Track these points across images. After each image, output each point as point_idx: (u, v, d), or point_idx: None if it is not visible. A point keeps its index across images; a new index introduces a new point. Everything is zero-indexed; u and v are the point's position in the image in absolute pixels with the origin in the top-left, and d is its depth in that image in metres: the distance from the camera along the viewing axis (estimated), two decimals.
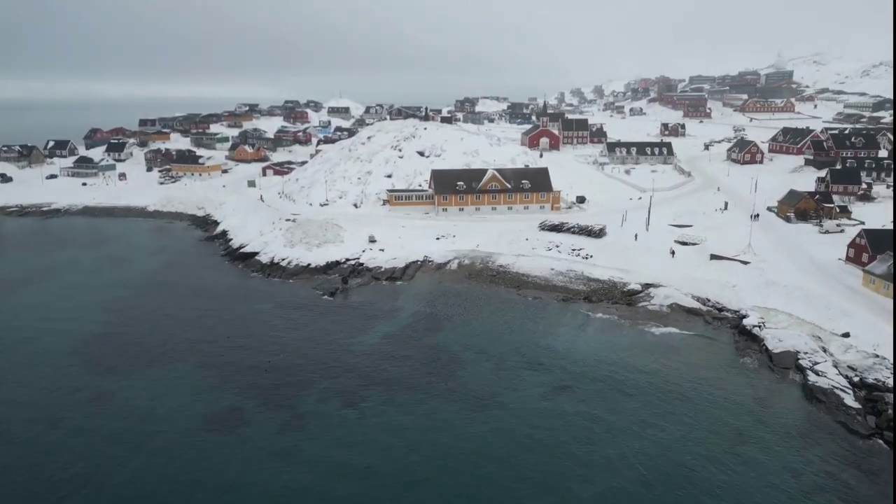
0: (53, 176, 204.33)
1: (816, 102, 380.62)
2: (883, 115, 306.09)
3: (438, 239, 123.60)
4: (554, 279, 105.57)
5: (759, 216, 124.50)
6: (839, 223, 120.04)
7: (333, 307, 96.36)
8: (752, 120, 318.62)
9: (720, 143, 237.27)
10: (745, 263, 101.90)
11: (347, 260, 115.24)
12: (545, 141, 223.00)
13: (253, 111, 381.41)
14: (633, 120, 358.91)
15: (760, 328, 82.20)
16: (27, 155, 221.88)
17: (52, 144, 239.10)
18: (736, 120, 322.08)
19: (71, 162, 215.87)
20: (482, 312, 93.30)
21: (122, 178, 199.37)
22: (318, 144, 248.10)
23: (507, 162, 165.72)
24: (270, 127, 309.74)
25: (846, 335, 77.09)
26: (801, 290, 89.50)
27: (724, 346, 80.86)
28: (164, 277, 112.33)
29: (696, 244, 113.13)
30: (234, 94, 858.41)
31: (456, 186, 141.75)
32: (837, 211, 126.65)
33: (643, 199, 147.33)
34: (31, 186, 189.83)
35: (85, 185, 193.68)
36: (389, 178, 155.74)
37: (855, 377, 69.04)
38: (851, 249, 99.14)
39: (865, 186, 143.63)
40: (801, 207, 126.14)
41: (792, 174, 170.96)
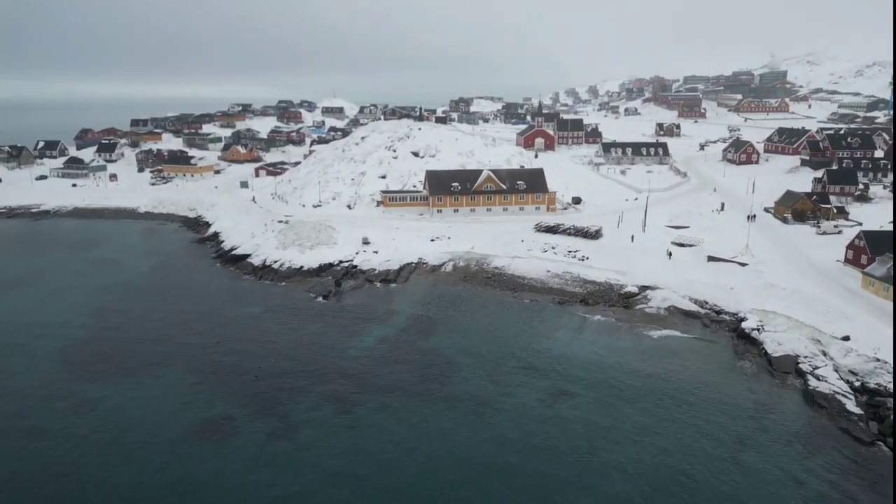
0: (43, 177, 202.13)
1: (811, 102, 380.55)
2: (877, 115, 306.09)
3: (433, 241, 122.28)
4: (550, 281, 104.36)
5: (755, 217, 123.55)
6: (837, 224, 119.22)
7: (326, 310, 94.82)
8: (746, 120, 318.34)
9: (715, 143, 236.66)
10: (742, 265, 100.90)
11: (341, 262, 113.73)
12: (540, 141, 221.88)
13: (246, 111, 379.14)
14: (627, 120, 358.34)
15: (759, 331, 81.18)
16: (17, 156, 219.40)
17: (42, 145, 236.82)
18: (731, 120, 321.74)
19: (61, 163, 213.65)
20: (477, 315, 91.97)
21: (112, 178, 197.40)
22: (311, 145, 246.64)
23: (502, 162, 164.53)
24: (264, 127, 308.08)
25: (846, 338, 76.08)
26: (799, 292, 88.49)
27: (722, 349, 79.74)
28: (153, 280, 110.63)
29: (692, 246, 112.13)
30: (227, 94, 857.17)
31: (451, 187, 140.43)
32: (835, 212, 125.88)
33: (639, 199, 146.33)
34: (20, 187, 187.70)
35: (75, 186, 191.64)
36: (383, 178, 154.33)
37: (856, 382, 68.03)
38: (850, 251, 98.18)
39: (862, 187, 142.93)
40: (798, 208, 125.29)
41: (788, 174, 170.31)
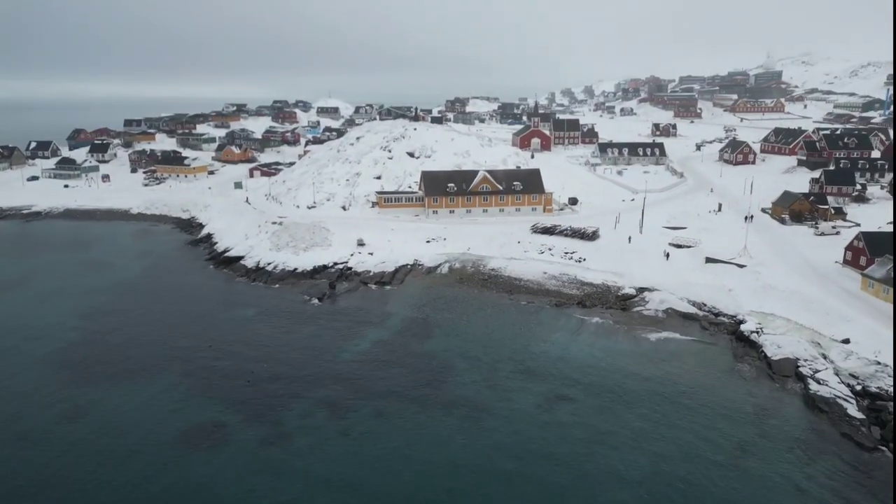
0: (35, 178, 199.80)
1: (806, 102, 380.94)
2: (873, 115, 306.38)
3: (429, 242, 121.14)
4: (547, 283, 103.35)
5: (752, 218, 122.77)
6: (835, 225, 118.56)
7: (320, 313, 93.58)
8: (742, 120, 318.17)
9: (711, 143, 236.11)
10: (741, 267, 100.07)
11: (335, 264, 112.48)
12: (536, 141, 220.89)
13: (241, 111, 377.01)
14: (623, 120, 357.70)
15: (758, 334, 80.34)
16: (8, 156, 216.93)
17: (34, 145, 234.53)
18: (726, 120, 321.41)
19: (53, 163, 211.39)
20: (474, 318, 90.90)
21: (105, 179, 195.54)
22: (306, 145, 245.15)
23: (498, 163, 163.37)
24: (258, 127, 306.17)
25: (846, 341, 75.28)
26: (798, 294, 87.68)
27: (721, 352, 78.87)
28: (145, 282, 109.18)
29: (690, 247, 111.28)
30: (222, 94, 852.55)
31: (446, 188, 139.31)
32: (832, 212, 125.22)
33: (636, 200, 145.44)
34: (11, 188, 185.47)
35: (67, 187, 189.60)
36: (378, 179, 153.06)
37: (857, 385, 67.21)
38: (849, 252, 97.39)
39: (860, 187, 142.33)
40: (795, 209, 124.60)
41: (785, 175, 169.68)
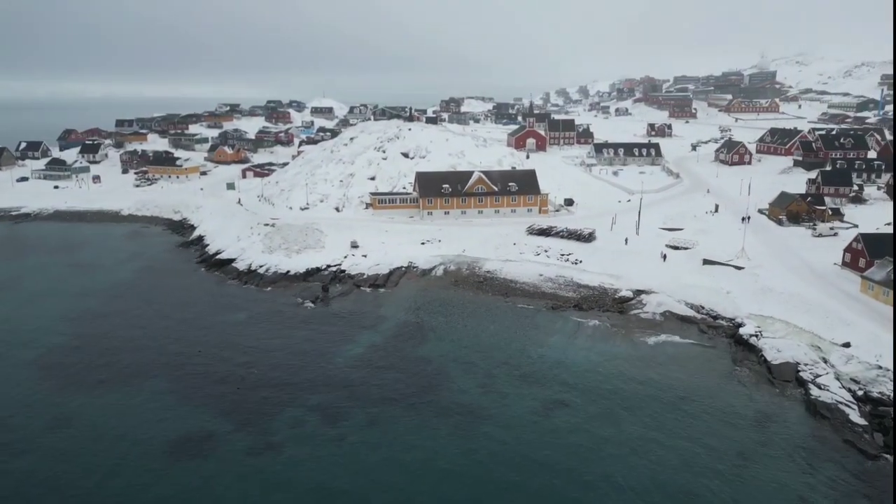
0: (24, 179, 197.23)
1: (800, 103, 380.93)
2: (867, 115, 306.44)
3: (423, 244, 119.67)
4: (543, 286, 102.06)
5: (749, 219, 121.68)
6: (832, 226, 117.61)
7: (313, 317, 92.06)
8: (737, 120, 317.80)
9: (707, 143, 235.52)
10: (738, 269, 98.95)
11: (328, 266, 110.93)
12: (532, 142, 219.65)
13: (234, 111, 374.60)
14: (618, 120, 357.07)
15: (758, 337, 79.25)
16: None
17: (23, 146, 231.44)
18: (721, 120, 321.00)
19: (43, 164, 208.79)
20: (469, 321, 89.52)
21: (95, 180, 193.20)
22: (300, 145, 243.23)
23: (493, 164, 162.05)
24: (252, 127, 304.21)
25: (847, 345, 74.21)
26: (798, 297, 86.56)
27: (720, 356, 77.75)
28: (135, 285, 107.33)
29: (687, 248, 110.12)
30: (215, 94, 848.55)
31: (441, 189, 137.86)
32: (830, 214, 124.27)
33: (632, 201, 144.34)
34: (0, 190, 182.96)
35: (57, 188, 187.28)
36: (373, 180, 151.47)
37: (859, 391, 66.10)
38: (848, 254, 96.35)
39: (857, 188, 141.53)
40: (793, 210, 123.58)
41: (781, 175, 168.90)
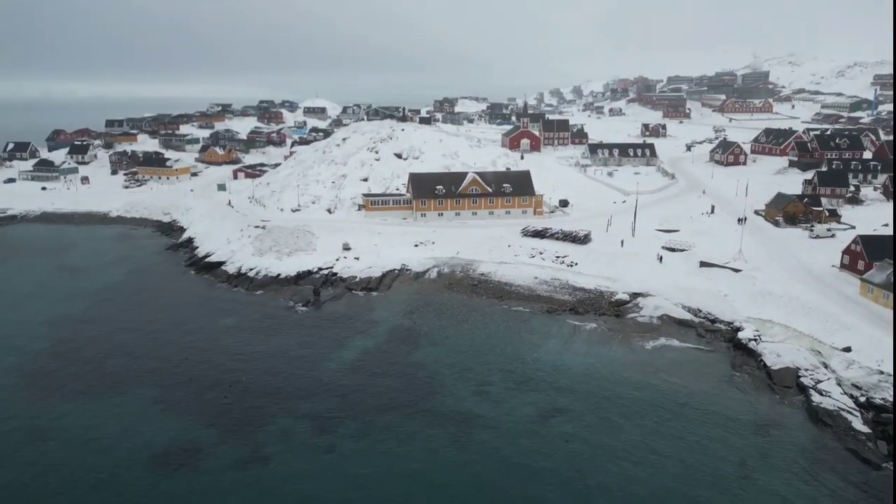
0: (11, 180, 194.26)
1: (794, 103, 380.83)
2: (861, 115, 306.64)
3: (416, 246, 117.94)
4: (538, 288, 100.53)
5: (746, 220, 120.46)
6: (829, 227, 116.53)
7: (304, 321, 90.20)
8: (731, 120, 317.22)
9: (701, 143, 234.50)
10: (736, 271, 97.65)
11: (320, 269, 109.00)
12: (526, 142, 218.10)
13: (226, 111, 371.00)
14: (612, 120, 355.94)
15: (757, 342, 78.00)
16: None
17: (11, 147, 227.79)
18: (715, 120, 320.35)
19: (31, 165, 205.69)
20: (463, 325, 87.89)
21: (84, 181, 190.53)
22: (292, 146, 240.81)
23: (487, 164, 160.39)
24: (244, 128, 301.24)
25: (847, 349, 72.98)
26: (796, 300, 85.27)
27: (719, 360, 76.39)
28: (122, 289, 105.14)
29: (684, 250, 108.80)
30: (206, 93, 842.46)
31: (435, 190, 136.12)
32: (827, 215, 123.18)
33: (627, 202, 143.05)
34: None
35: (45, 189, 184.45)
36: (365, 181, 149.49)
37: (861, 397, 64.83)
38: (846, 256, 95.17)
39: (853, 189, 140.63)
40: (789, 211, 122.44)
41: (777, 176, 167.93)
